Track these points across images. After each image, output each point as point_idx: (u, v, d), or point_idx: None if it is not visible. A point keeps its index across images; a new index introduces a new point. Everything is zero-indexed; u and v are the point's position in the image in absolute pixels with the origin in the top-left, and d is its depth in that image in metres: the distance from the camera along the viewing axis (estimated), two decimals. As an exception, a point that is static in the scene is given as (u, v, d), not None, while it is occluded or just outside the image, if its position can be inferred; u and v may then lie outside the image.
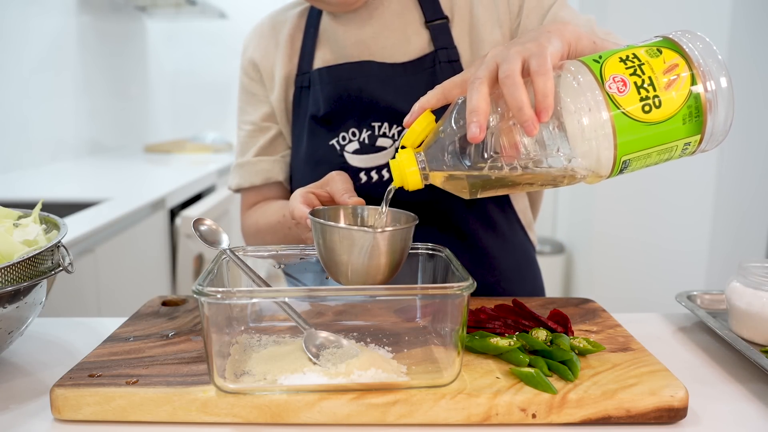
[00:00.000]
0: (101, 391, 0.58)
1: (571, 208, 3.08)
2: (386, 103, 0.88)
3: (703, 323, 0.81)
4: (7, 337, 0.66)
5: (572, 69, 0.59)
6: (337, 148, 0.91)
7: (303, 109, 0.95)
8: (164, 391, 0.58)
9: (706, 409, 0.61)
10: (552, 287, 2.97)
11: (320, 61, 0.94)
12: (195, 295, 0.57)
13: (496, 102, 0.60)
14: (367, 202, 0.74)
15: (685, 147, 0.59)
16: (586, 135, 0.57)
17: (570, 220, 3.12)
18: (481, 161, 0.61)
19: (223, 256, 0.70)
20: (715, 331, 0.76)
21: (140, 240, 1.83)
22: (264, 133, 1.00)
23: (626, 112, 0.56)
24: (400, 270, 0.69)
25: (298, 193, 0.76)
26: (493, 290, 0.94)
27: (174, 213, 2.11)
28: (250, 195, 1.02)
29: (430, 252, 0.73)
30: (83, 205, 1.73)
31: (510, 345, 0.64)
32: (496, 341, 0.65)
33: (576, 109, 0.57)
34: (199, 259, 2.20)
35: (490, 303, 0.79)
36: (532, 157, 0.59)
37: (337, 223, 0.71)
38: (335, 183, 0.75)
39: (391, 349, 0.66)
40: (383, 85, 0.89)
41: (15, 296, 0.63)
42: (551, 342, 0.66)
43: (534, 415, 0.57)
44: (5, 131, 2.22)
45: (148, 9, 3.24)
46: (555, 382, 0.59)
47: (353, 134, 0.90)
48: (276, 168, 0.99)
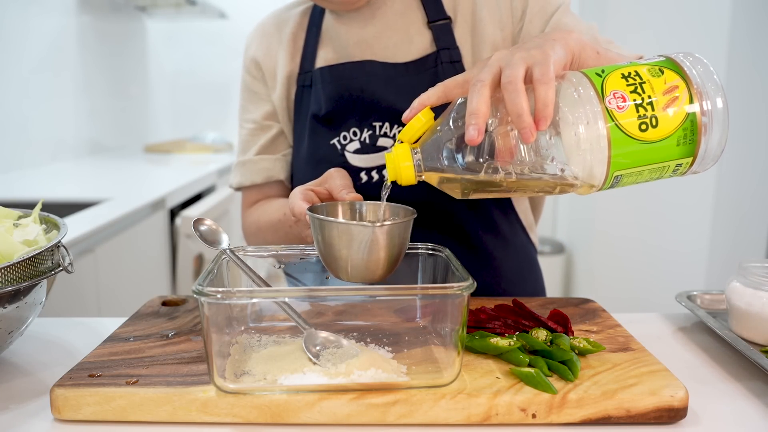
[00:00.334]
0: (101, 391, 0.58)
1: (571, 208, 3.09)
2: (388, 103, 0.88)
3: (703, 323, 0.81)
4: (7, 337, 0.66)
5: (574, 80, 0.59)
6: (338, 147, 0.91)
7: (304, 108, 0.95)
8: (164, 391, 0.58)
9: (706, 409, 0.61)
10: (552, 287, 2.97)
11: (322, 60, 0.94)
12: (195, 295, 0.57)
13: (496, 106, 0.61)
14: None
15: (677, 168, 0.60)
16: (582, 147, 0.57)
17: (570, 220, 3.12)
18: (476, 163, 0.61)
19: (223, 256, 0.70)
20: (715, 331, 0.76)
21: (140, 240, 1.83)
22: (265, 131, 1.00)
23: (623, 128, 0.57)
24: (399, 264, 0.69)
25: (298, 190, 0.76)
26: (494, 291, 0.94)
27: (174, 213, 2.11)
28: (251, 193, 1.02)
29: (430, 252, 0.73)
30: (83, 205, 1.73)
31: (510, 345, 0.64)
32: (496, 341, 0.65)
33: (574, 120, 0.57)
34: (199, 259, 2.20)
35: (490, 303, 0.79)
36: (527, 164, 0.60)
37: (335, 219, 0.71)
38: (333, 180, 0.75)
39: (391, 349, 0.66)
40: (385, 85, 0.89)
41: (15, 296, 0.63)
42: (551, 342, 0.66)
43: (534, 415, 0.57)
44: (5, 131, 2.22)
45: (148, 9, 3.24)
46: (555, 382, 0.59)
47: (354, 134, 0.90)
48: (277, 167, 0.99)
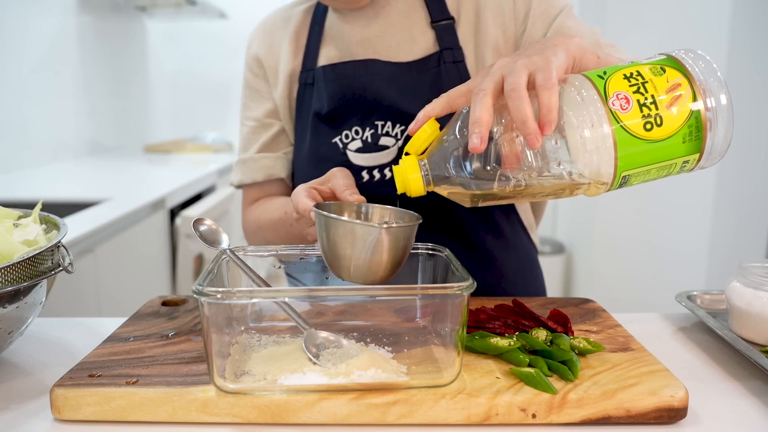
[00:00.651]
0: (101, 391, 0.58)
1: (571, 207, 3.09)
2: (390, 102, 0.88)
3: (703, 323, 0.81)
4: (7, 337, 0.66)
5: (576, 84, 0.59)
6: (340, 146, 0.91)
7: (306, 106, 0.95)
8: (164, 391, 0.58)
9: (706, 409, 0.61)
10: (552, 287, 2.97)
11: (325, 58, 0.94)
12: (195, 295, 0.57)
13: (500, 113, 0.61)
14: (369, 200, 0.74)
15: (684, 164, 0.60)
16: (588, 149, 0.57)
17: (570, 220, 3.12)
18: (483, 171, 0.61)
19: (223, 256, 0.70)
20: (715, 331, 0.76)
21: (140, 240, 1.83)
22: (267, 129, 1.00)
23: (628, 129, 0.57)
24: (401, 268, 0.69)
25: (301, 188, 0.76)
26: (495, 291, 0.94)
27: (174, 213, 2.11)
28: (252, 191, 1.02)
29: (430, 252, 0.73)
30: (83, 205, 1.73)
31: (510, 345, 0.64)
32: (496, 341, 0.65)
33: (579, 123, 0.57)
34: (199, 259, 2.20)
35: (490, 303, 0.79)
36: (534, 169, 0.60)
37: (342, 217, 0.71)
38: (337, 179, 0.75)
39: (391, 349, 0.66)
40: (387, 84, 0.89)
41: (15, 296, 0.63)
42: (551, 342, 0.66)
43: (534, 415, 0.57)
44: (5, 131, 2.22)
45: (148, 9, 3.24)
46: (555, 382, 0.59)
47: (356, 132, 0.90)
48: (278, 165, 0.99)
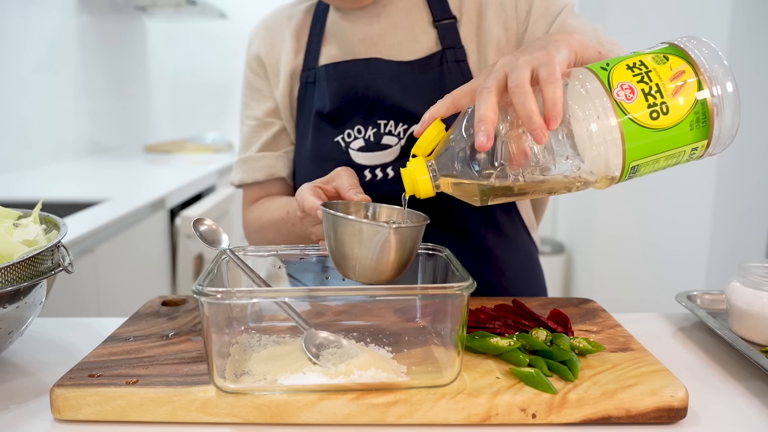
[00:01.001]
0: (101, 391, 0.58)
1: (571, 208, 3.08)
2: (392, 101, 0.88)
3: (703, 323, 0.81)
4: (7, 337, 0.66)
5: (580, 77, 0.59)
6: (342, 145, 0.91)
7: (308, 105, 0.95)
8: (164, 391, 0.58)
9: (706, 409, 0.61)
10: (552, 287, 2.97)
11: (326, 57, 0.94)
12: (195, 295, 0.57)
13: (505, 111, 0.61)
14: (372, 200, 0.74)
15: (693, 152, 0.60)
16: (595, 141, 0.57)
17: (570, 220, 3.12)
18: (491, 169, 0.61)
19: (223, 256, 0.70)
20: (715, 331, 0.76)
21: (140, 240, 1.83)
22: (267, 128, 1.00)
23: (634, 118, 0.57)
24: (407, 269, 0.69)
25: (306, 186, 0.76)
26: (496, 290, 0.94)
27: (174, 213, 2.11)
28: (253, 191, 1.02)
29: (430, 252, 0.73)
30: (83, 205, 1.73)
31: (510, 345, 0.64)
32: (496, 341, 0.65)
33: (584, 116, 0.57)
34: (199, 259, 2.20)
35: (490, 303, 0.79)
36: (542, 165, 0.60)
37: (351, 216, 0.71)
38: (341, 178, 0.75)
39: (391, 349, 0.66)
40: (390, 83, 0.89)
41: (15, 296, 0.63)
42: (551, 342, 0.66)
43: (534, 415, 0.57)
44: (5, 131, 2.22)
45: (148, 9, 3.24)
46: (555, 382, 0.59)
47: (359, 131, 0.90)
48: (279, 164, 0.99)
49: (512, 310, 0.74)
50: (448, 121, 0.67)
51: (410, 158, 0.66)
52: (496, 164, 0.61)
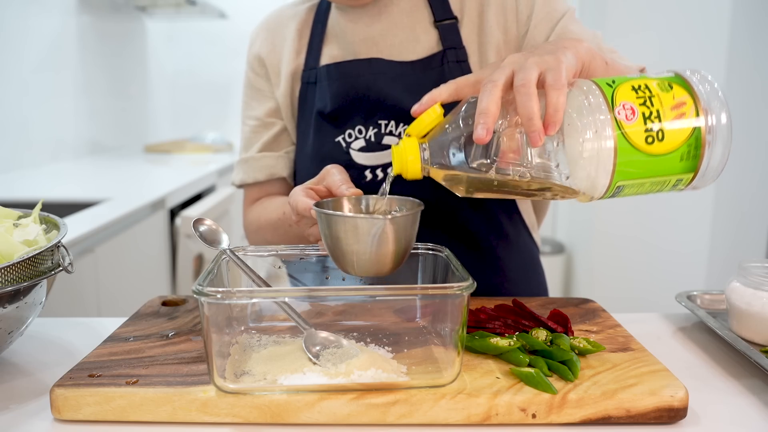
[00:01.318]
0: (101, 391, 0.58)
1: (571, 208, 3.08)
2: (393, 101, 0.88)
3: (703, 323, 0.81)
4: (7, 337, 0.66)
5: (585, 89, 0.59)
6: (343, 145, 0.91)
7: (309, 105, 0.95)
8: (164, 391, 0.58)
9: (706, 409, 0.61)
10: (552, 287, 2.97)
11: (327, 57, 0.94)
12: (195, 295, 0.57)
13: (506, 107, 0.61)
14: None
15: (677, 182, 0.61)
16: (588, 154, 0.57)
17: (570, 220, 3.12)
18: (482, 163, 0.61)
19: (223, 256, 0.70)
20: (715, 331, 0.76)
21: (140, 240, 1.83)
22: (268, 128, 1.00)
23: (630, 139, 0.57)
24: (407, 257, 0.68)
25: (298, 189, 0.76)
26: (498, 292, 0.94)
27: (174, 213, 2.11)
28: (254, 191, 1.02)
29: (430, 252, 0.73)
30: (83, 205, 1.73)
31: (510, 345, 0.64)
32: (496, 341, 0.65)
33: (582, 127, 0.57)
34: (199, 259, 2.20)
35: (490, 303, 0.79)
36: (531, 167, 0.60)
37: (344, 213, 0.70)
38: (332, 176, 0.75)
39: (391, 349, 0.66)
40: (391, 83, 0.89)
41: (15, 296, 0.63)
42: (551, 342, 0.66)
43: (534, 415, 0.57)
44: (5, 131, 2.22)
45: (148, 9, 3.24)
46: (555, 382, 0.59)
47: (359, 132, 0.90)
48: (280, 164, 0.99)
49: (512, 310, 0.74)
50: (447, 109, 0.66)
51: (404, 137, 0.66)
52: (487, 158, 0.61)
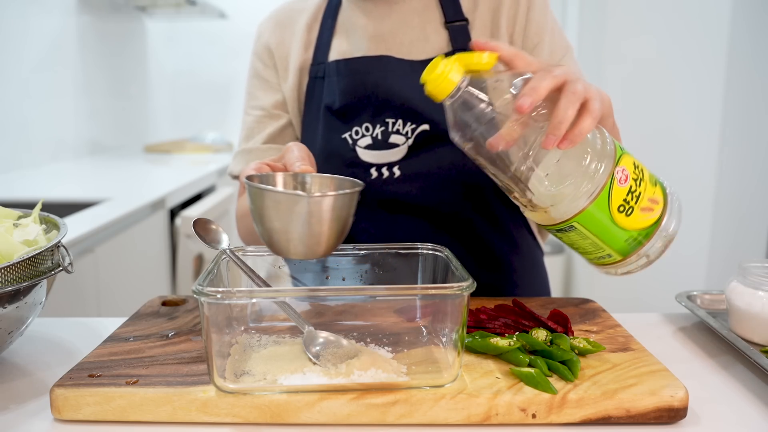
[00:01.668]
0: (101, 391, 0.58)
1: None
2: (401, 99, 0.88)
3: (703, 323, 0.81)
4: (7, 337, 0.66)
5: (607, 135, 0.66)
6: (350, 141, 0.91)
7: (316, 100, 0.94)
8: (164, 391, 0.58)
9: (706, 409, 0.61)
10: (552, 287, 2.96)
11: (336, 52, 0.94)
12: (195, 295, 0.57)
13: (544, 101, 0.63)
14: (376, 199, 0.72)
15: (607, 257, 0.68)
16: (575, 181, 0.62)
17: (570, 220, 3.11)
18: (489, 130, 0.62)
19: (223, 256, 0.70)
20: (715, 331, 0.76)
21: (140, 240, 1.83)
22: (274, 120, 0.98)
23: (611, 197, 0.63)
24: (343, 239, 0.65)
25: (253, 163, 0.73)
26: (501, 292, 0.93)
27: (174, 213, 2.11)
28: None
29: (430, 252, 0.73)
30: (83, 205, 1.73)
31: (510, 345, 0.64)
32: (496, 341, 0.65)
33: (584, 157, 0.62)
34: (199, 259, 2.20)
35: (490, 303, 0.79)
36: (518, 159, 0.63)
37: (267, 186, 0.65)
38: (290, 152, 0.72)
39: (391, 349, 0.66)
40: (400, 82, 0.88)
41: (15, 296, 0.63)
42: (551, 342, 0.66)
43: (534, 415, 0.57)
44: (5, 131, 2.22)
45: (148, 9, 3.24)
46: (555, 382, 0.59)
47: (366, 129, 0.90)
48: None
49: (512, 310, 0.74)
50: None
51: (457, 55, 0.64)
52: (493, 130, 0.62)
